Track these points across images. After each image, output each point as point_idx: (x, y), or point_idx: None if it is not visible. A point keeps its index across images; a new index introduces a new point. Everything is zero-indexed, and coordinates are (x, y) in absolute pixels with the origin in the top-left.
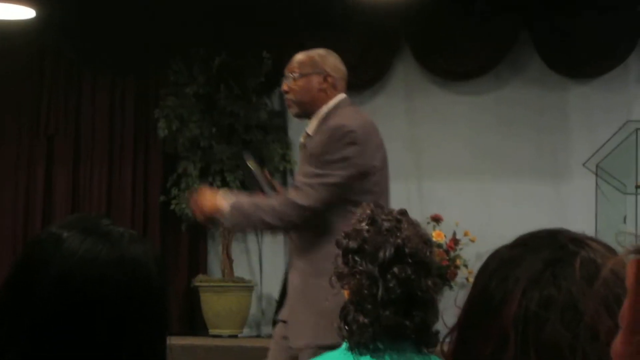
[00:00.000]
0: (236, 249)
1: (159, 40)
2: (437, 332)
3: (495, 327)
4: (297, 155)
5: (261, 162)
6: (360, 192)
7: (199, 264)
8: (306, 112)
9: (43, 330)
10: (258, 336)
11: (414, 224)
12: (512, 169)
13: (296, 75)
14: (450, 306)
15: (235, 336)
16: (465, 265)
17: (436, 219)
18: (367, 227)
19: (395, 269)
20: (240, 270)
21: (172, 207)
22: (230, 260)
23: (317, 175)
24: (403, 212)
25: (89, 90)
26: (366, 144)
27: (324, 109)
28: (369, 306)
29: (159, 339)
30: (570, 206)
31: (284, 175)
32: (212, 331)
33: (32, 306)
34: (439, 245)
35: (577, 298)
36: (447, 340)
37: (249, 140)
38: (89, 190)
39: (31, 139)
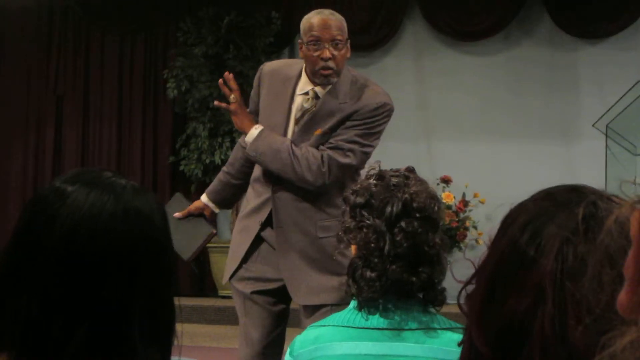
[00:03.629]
0: None
1: (168, 0)
2: (444, 290)
3: (531, 281)
4: None
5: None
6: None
7: None
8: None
9: (51, 287)
10: None
11: (421, 181)
12: (521, 131)
13: (343, 42)
14: (461, 267)
15: None
16: (475, 227)
17: (446, 181)
18: (374, 182)
19: (402, 223)
20: None
21: (182, 167)
22: None
23: (359, 144)
24: (411, 169)
25: (98, 51)
26: None
27: (347, 74)
28: (376, 260)
29: (167, 290)
30: (580, 167)
31: None
32: (221, 292)
33: (39, 263)
34: (449, 207)
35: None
36: (464, 293)
37: None
38: (98, 150)
39: (40, 98)
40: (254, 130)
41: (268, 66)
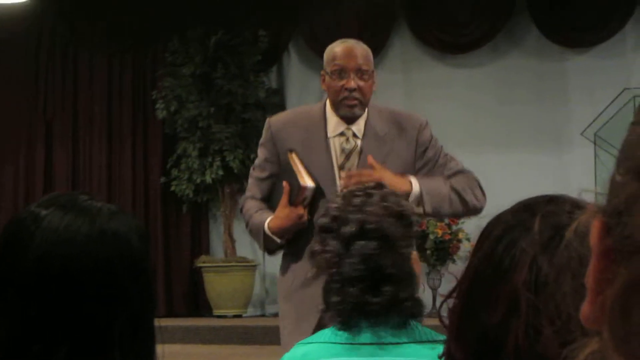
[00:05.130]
0: (238, 229)
1: (155, 21)
2: (418, 302)
3: (505, 293)
4: None
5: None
6: None
7: (201, 245)
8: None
9: (29, 308)
10: (262, 315)
11: (385, 197)
12: (512, 140)
13: (369, 72)
14: (448, 281)
15: (240, 316)
16: (468, 239)
17: None
18: (337, 204)
19: (358, 245)
20: (243, 250)
21: (173, 188)
22: (232, 240)
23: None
24: (378, 185)
25: (86, 73)
26: None
27: (375, 106)
28: (337, 285)
29: (146, 311)
30: (571, 175)
31: None
32: (216, 312)
33: (16, 285)
34: (440, 219)
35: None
36: (443, 309)
37: (247, 119)
38: (89, 172)
39: (30, 120)
40: (415, 187)
41: (277, 120)
